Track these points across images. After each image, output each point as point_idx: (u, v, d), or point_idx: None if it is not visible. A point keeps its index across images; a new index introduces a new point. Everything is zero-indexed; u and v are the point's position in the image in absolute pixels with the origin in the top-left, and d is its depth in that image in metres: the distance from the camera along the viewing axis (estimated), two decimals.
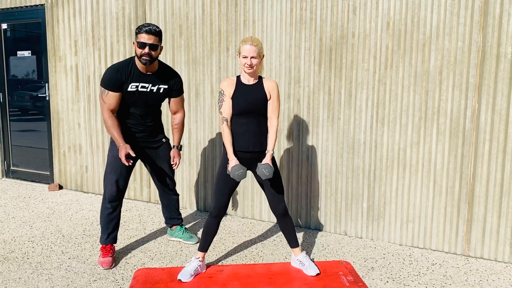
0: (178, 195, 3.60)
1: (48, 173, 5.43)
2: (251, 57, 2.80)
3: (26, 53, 5.40)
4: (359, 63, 3.62)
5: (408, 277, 3.06)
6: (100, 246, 3.52)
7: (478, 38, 3.23)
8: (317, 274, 3.03)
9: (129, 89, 3.11)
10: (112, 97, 3.09)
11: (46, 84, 5.24)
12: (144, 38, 3.02)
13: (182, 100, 3.40)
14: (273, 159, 2.96)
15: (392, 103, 3.55)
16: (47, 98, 5.26)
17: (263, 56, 2.89)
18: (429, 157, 3.47)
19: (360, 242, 3.69)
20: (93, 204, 4.66)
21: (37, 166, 5.54)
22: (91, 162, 5.03)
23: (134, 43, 3.10)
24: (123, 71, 3.09)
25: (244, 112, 2.89)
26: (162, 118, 4.48)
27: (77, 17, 4.91)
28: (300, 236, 3.81)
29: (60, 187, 5.28)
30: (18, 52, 5.44)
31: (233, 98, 2.89)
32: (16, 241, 3.67)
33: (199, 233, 3.86)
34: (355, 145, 3.71)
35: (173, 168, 3.39)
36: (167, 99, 3.60)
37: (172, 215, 3.62)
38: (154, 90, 3.20)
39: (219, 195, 2.98)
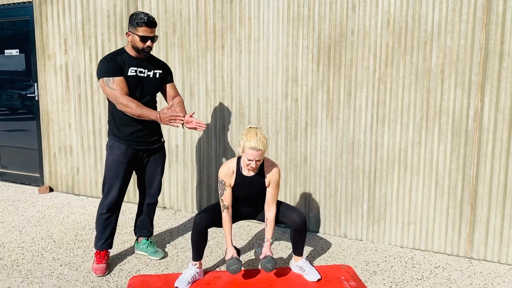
0: (157, 202, 3.41)
1: (38, 175, 5.28)
2: (256, 160, 2.72)
3: (14, 52, 5.24)
4: (359, 61, 3.53)
5: (411, 281, 2.98)
6: (94, 251, 3.41)
7: (481, 35, 3.15)
8: (318, 280, 2.94)
9: (129, 73, 2.99)
10: (121, 81, 2.94)
11: (35, 84, 5.09)
12: (147, 31, 2.93)
13: (175, 87, 3.33)
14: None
15: (393, 102, 3.46)
16: (36, 98, 5.11)
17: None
18: (431, 157, 3.39)
19: (361, 244, 3.61)
20: (85, 207, 4.53)
21: (27, 167, 5.39)
22: (82, 163, 4.89)
23: (129, 33, 2.97)
24: (118, 58, 2.99)
25: (245, 199, 2.93)
26: None
27: (66, 15, 4.77)
28: None
29: (51, 190, 5.14)
30: (5, 50, 5.28)
31: (233, 188, 2.89)
32: (5, 247, 3.54)
33: (189, 235, 3.74)
34: (355, 145, 3.63)
35: (203, 126, 2.95)
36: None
37: (143, 225, 3.38)
38: (151, 76, 3.10)
39: (206, 214, 2.88)
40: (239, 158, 2.89)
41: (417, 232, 3.49)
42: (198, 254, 2.93)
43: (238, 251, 2.91)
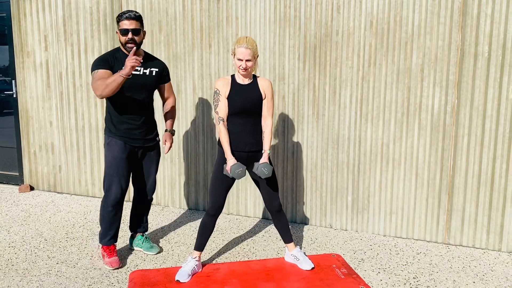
0: (152, 199, 3.48)
1: (17, 174, 5.20)
2: (246, 60, 2.82)
3: None
4: (343, 60, 3.71)
5: (397, 267, 3.20)
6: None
7: (457, 37, 3.39)
8: (312, 268, 3.11)
9: None
10: (103, 73, 2.95)
11: (13, 81, 5.00)
12: (126, 24, 2.99)
13: (171, 86, 3.42)
14: (269, 157, 3.00)
15: (376, 99, 3.67)
16: (14, 96, 5.02)
17: (258, 56, 2.91)
18: (411, 151, 3.62)
19: (346, 234, 3.81)
20: (70, 205, 4.52)
21: (4, 166, 5.29)
22: (64, 161, 4.87)
23: (117, 32, 3.06)
24: (111, 56, 3.05)
25: (240, 112, 2.92)
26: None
27: (46, 11, 4.71)
28: None
29: (31, 188, 5.08)
30: None
31: (228, 98, 2.91)
32: None
33: (180, 230, 3.85)
34: (340, 140, 3.81)
35: (165, 153, 3.29)
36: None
37: (138, 221, 3.44)
38: (147, 73, 3.15)
39: (216, 194, 2.98)
40: (233, 75, 2.99)
41: (399, 221, 3.72)
42: (202, 243, 3.03)
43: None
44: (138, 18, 3.03)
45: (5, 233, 3.81)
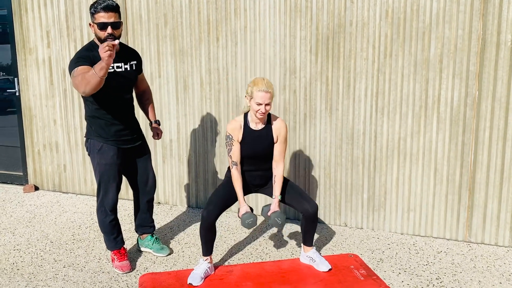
0: (153, 199, 3.33)
1: (21, 174, 5.08)
2: (266, 104, 2.73)
3: None
4: (358, 52, 3.56)
5: (418, 267, 3.06)
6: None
7: (478, 25, 3.23)
8: (329, 270, 2.97)
9: None
10: (82, 68, 2.62)
11: (16, 79, 4.87)
12: (104, 17, 2.68)
13: (144, 75, 3.28)
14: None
15: (392, 92, 3.52)
16: (17, 94, 4.90)
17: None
18: (430, 145, 3.47)
19: (362, 233, 3.67)
20: (76, 205, 4.40)
21: (8, 166, 5.17)
22: (69, 160, 4.74)
23: (91, 24, 2.77)
24: (90, 54, 2.76)
25: (252, 157, 2.90)
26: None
27: (48, 6, 4.57)
28: (299, 229, 3.74)
29: (36, 188, 4.96)
30: None
31: (241, 143, 2.87)
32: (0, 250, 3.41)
33: (190, 230, 3.72)
34: (355, 135, 3.67)
35: (156, 139, 3.23)
36: None
37: (144, 222, 3.30)
38: (128, 68, 2.96)
39: (213, 206, 2.85)
40: (245, 114, 2.90)
41: (417, 218, 3.58)
42: (208, 248, 2.91)
43: (251, 209, 2.89)
44: (116, 8, 2.74)
45: (10, 235, 3.70)
